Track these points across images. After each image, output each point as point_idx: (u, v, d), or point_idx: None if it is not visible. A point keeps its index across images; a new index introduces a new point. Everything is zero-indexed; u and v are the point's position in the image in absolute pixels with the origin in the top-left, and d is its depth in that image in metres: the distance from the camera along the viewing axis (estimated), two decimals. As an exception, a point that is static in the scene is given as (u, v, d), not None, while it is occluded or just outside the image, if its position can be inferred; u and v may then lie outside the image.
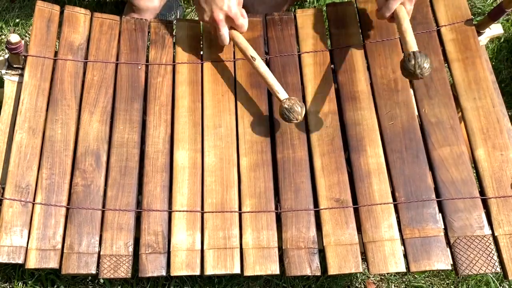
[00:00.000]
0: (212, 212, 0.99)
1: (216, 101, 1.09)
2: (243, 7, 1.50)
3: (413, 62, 0.88)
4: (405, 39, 0.96)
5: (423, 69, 0.88)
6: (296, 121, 0.99)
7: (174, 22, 1.19)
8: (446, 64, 1.10)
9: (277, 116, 1.07)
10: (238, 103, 1.09)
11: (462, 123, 1.05)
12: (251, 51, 1.06)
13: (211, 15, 1.06)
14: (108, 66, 1.11)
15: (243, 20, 1.08)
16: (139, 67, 1.11)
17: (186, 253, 0.96)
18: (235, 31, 1.09)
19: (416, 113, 1.06)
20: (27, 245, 0.96)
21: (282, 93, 1.01)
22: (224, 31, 1.08)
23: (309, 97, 1.08)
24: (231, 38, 1.09)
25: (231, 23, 1.08)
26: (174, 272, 0.95)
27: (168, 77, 1.11)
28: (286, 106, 0.98)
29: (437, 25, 1.12)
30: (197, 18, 1.58)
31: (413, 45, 0.94)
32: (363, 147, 1.03)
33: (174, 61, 1.13)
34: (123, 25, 1.15)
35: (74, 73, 1.09)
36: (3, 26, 1.60)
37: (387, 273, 1.25)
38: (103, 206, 1.00)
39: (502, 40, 1.61)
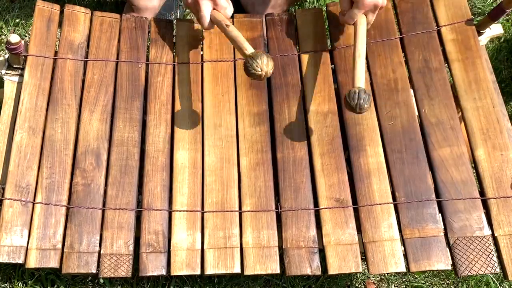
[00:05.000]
0: (212, 211, 0.99)
1: (216, 100, 1.09)
2: (243, 7, 1.51)
3: (356, 101, 0.92)
4: (356, 69, 0.97)
5: (363, 109, 0.93)
6: (259, 72, 0.92)
7: (174, 22, 1.19)
8: (446, 64, 1.10)
9: (277, 114, 1.07)
10: (238, 103, 1.09)
11: (462, 123, 1.05)
12: (227, 22, 1.02)
13: None
14: (108, 64, 1.11)
15: (225, 2, 1.05)
16: (140, 66, 1.11)
17: (186, 253, 0.96)
18: (216, 12, 1.05)
19: (416, 113, 1.06)
20: (27, 245, 0.96)
21: (250, 49, 0.96)
22: (205, 11, 1.04)
23: (309, 97, 1.08)
24: (212, 18, 1.06)
25: (214, 5, 1.05)
26: (174, 272, 0.95)
27: (169, 76, 1.11)
28: (252, 55, 0.93)
29: (437, 25, 1.13)
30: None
31: (360, 78, 0.95)
32: (363, 147, 1.03)
33: (174, 61, 1.13)
34: (123, 24, 1.15)
35: (74, 72, 1.09)
36: (3, 26, 1.59)
37: (387, 273, 1.25)
38: (104, 205, 1.00)
39: (502, 40, 1.61)
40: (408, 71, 1.10)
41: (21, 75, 1.09)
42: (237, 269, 0.95)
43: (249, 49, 0.96)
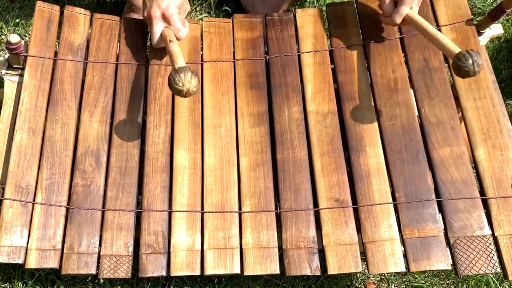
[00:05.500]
0: (212, 212, 0.99)
1: (216, 101, 1.09)
2: (243, 7, 1.51)
3: (471, 61, 0.89)
4: (442, 41, 0.96)
5: (480, 66, 0.89)
6: (180, 87, 0.90)
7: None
8: (446, 64, 1.10)
9: (277, 114, 1.07)
10: (238, 103, 1.09)
11: (462, 123, 1.05)
12: (172, 38, 1.01)
13: (149, 10, 1.05)
14: (108, 66, 1.11)
15: (179, 25, 1.06)
16: (139, 67, 1.11)
17: (186, 253, 0.96)
18: (168, 29, 1.05)
19: (416, 113, 1.06)
20: (27, 245, 0.96)
21: (180, 64, 0.94)
22: (157, 28, 1.06)
23: (309, 97, 1.08)
24: (162, 34, 1.05)
25: (167, 24, 1.06)
26: (174, 272, 0.95)
27: (168, 77, 1.11)
28: (178, 69, 0.91)
29: (437, 25, 1.12)
30: (196, 19, 1.58)
31: (456, 46, 0.94)
32: (363, 147, 1.03)
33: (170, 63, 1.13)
34: (123, 25, 1.15)
35: (74, 73, 1.09)
36: (3, 26, 1.60)
37: (387, 273, 1.25)
38: (103, 206, 1.00)
39: (502, 40, 1.61)
40: (408, 71, 1.10)
41: (21, 75, 1.09)
42: (237, 270, 0.96)
43: (179, 64, 0.94)
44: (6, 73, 1.09)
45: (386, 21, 1.09)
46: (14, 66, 1.09)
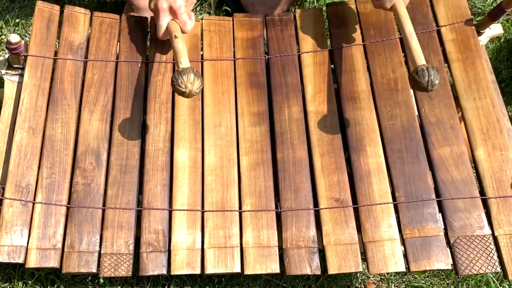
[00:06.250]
0: (213, 211, 0.99)
1: (216, 100, 1.09)
2: (242, 7, 1.51)
3: (427, 79, 0.89)
4: (412, 46, 0.95)
5: (435, 86, 0.89)
6: (183, 89, 0.91)
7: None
8: (446, 64, 1.10)
9: (277, 114, 1.07)
10: (238, 102, 1.09)
11: (462, 123, 1.05)
12: (178, 33, 1.02)
13: (156, 2, 1.05)
14: (108, 64, 1.11)
15: (186, 18, 1.05)
16: (139, 65, 1.11)
17: (186, 252, 0.96)
18: (174, 23, 1.05)
19: (416, 113, 1.06)
20: (27, 245, 0.96)
21: (184, 64, 0.95)
22: (163, 21, 1.05)
23: (309, 97, 1.08)
24: (167, 27, 1.05)
25: (174, 17, 1.06)
26: (175, 271, 0.95)
27: (168, 75, 1.11)
28: (181, 70, 0.92)
29: (437, 25, 1.13)
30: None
31: (420, 56, 0.93)
32: (363, 147, 1.03)
33: (174, 60, 1.13)
34: (123, 24, 1.15)
35: (74, 72, 1.09)
36: (3, 26, 1.59)
37: (387, 273, 1.25)
38: (104, 205, 1.00)
39: (502, 40, 1.61)
40: (408, 71, 1.10)
41: (21, 75, 1.09)
42: (237, 269, 0.96)
43: (183, 64, 0.95)
44: (6, 73, 1.09)
45: (376, 4, 1.06)
46: (14, 66, 1.09)
